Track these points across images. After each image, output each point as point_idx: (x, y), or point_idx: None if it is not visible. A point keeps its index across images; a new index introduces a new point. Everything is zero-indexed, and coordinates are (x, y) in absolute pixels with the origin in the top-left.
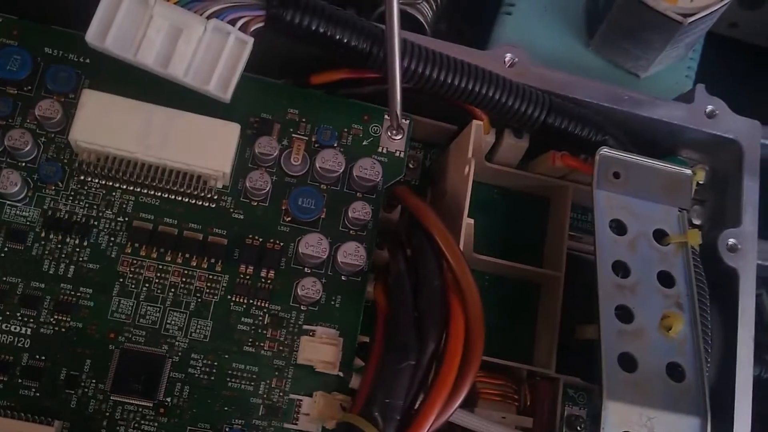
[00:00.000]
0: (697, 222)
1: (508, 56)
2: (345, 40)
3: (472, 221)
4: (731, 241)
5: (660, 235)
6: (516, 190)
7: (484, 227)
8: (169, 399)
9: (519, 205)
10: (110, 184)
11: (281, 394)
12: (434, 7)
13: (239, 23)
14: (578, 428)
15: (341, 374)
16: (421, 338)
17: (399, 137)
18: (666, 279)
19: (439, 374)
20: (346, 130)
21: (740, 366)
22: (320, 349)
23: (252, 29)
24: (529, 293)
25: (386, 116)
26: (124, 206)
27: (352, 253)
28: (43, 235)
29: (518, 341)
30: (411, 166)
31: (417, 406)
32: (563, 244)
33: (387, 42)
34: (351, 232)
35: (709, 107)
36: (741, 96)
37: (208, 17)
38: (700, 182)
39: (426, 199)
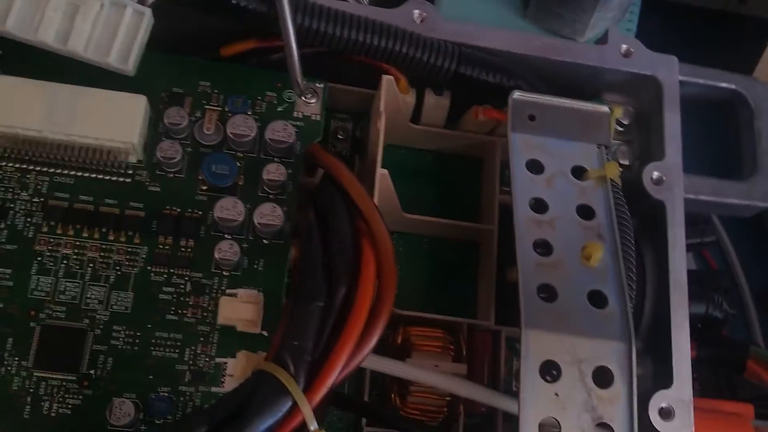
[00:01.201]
0: (624, 162)
1: (417, 12)
2: (241, 4)
3: (386, 171)
4: (655, 174)
5: (579, 172)
6: (448, 152)
7: (420, 193)
8: (92, 371)
9: (453, 167)
10: (24, 166)
11: (207, 359)
12: None
13: None
14: None
15: (265, 333)
16: (330, 282)
17: (313, 101)
18: (586, 212)
19: (350, 316)
20: (259, 98)
21: (674, 298)
22: (240, 308)
23: (149, 1)
24: (469, 252)
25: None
26: (39, 187)
27: (268, 214)
28: None
29: (462, 300)
30: (340, 136)
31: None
32: (495, 198)
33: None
34: (270, 196)
35: (624, 46)
36: (693, 59)
37: None
38: (622, 120)
39: (354, 167)
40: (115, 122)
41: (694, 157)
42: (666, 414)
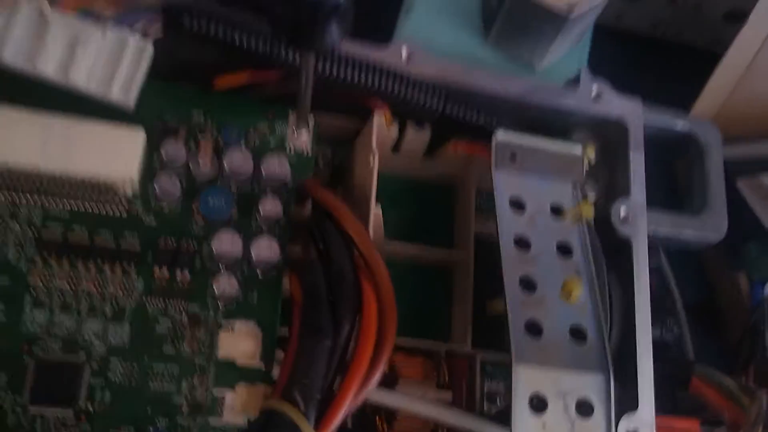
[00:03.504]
0: (592, 197)
1: (405, 51)
2: (244, 42)
3: (379, 210)
4: (622, 211)
5: (557, 210)
6: (425, 179)
7: (396, 218)
8: (90, 405)
9: (429, 193)
10: (16, 197)
11: (204, 390)
12: None
13: (137, 30)
14: (498, 401)
15: (263, 366)
16: (335, 321)
17: (304, 134)
18: (564, 249)
19: (356, 353)
20: (252, 129)
21: (640, 327)
22: (239, 342)
23: (150, 35)
24: (444, 277)
25: (291, 113)
26: (32, 218)
27: (265, 249)
28: None
29: (438, 324)
30: (320, 164)
31: (336, 385)
32: (471, 226)
33: None
34: (264, 228)
35: (595, 90)
36: (630, 79)
37: (106, 25)
38: (592, 159)
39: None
40: (113, 156)
41: (648, 190)
42: None
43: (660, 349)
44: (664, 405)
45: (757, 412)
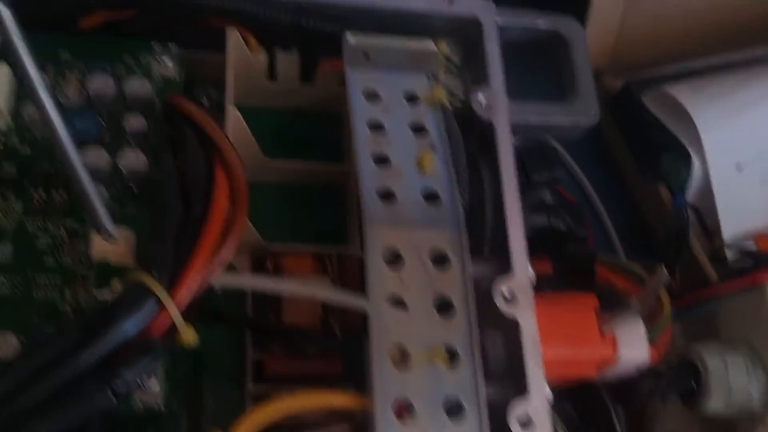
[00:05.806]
0: (457, 93)
1: None
2: None
3: (237, 112)
4: (482, 97)
5: (412, 98)
6: (307, 109)
7: (283, 152)
8: None
9: (313, 124)
10: None
11: (87, 295)
12: None
13: None
14: None
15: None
16: (187, 200)
17: (169, 62)
18: (419, 129)
19: (206, 223)
20: (119, 63)
21: (507, 197)
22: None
23: None
24: (336, 193)
25: (154, 44)
26: None
27: (132, 160)
28: None
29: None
30: (204, 103)
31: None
32: None
33: None
34: (132, 143)
35: None
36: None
37: None
38: (448, 55)
39: None
40: None
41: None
42: (509, 298)
43: (559, 243)
44: None
45: (655, 282)
